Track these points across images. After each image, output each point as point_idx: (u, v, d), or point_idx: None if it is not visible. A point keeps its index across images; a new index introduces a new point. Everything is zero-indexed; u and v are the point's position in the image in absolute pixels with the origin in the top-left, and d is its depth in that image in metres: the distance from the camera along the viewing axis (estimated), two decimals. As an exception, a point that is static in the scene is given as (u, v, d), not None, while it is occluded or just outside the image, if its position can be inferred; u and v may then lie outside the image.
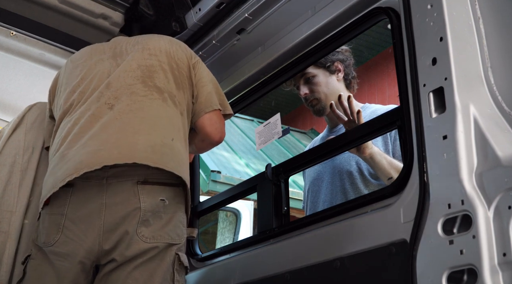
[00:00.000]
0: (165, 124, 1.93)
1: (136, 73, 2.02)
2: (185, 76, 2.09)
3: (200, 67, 2.16)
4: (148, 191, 1.83)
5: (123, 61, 2.08)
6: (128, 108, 1.93)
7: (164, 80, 2.02)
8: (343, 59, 2.58)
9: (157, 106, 1.95)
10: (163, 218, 1.85)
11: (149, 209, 1.82)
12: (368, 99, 2.80)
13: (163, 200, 1.85)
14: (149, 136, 1.87)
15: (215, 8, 2.58)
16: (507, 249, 1.30)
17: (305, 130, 10.70)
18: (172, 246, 1.85)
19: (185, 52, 2.16)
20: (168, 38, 2.21)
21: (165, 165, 1.83)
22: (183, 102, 2.04)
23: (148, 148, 1.84)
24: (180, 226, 1.90)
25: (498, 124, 1.46)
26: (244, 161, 8.60)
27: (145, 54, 2.08)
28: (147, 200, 1.82)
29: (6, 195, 2.14)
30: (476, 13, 1.56)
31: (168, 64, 2.07)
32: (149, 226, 1.82)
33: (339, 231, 1.88)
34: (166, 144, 1.88)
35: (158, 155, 1.84)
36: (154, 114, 1.93)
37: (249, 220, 6.16)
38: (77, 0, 2.78)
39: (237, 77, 2.59)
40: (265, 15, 2.48)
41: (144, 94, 1.97)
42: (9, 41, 2.72)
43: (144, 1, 2.79)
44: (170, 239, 1.85)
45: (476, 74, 1.52)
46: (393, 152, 2.39)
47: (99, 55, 2.14)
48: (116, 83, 1.99)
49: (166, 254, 1.84)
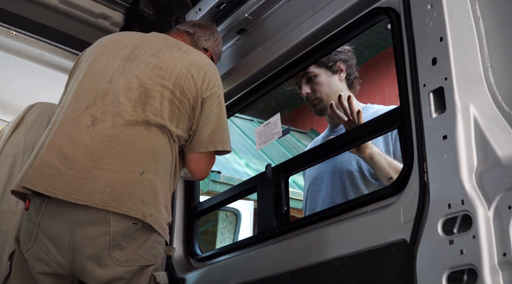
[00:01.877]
0: (139, 156, 1.86)
1: (133, 94, 1.94)
2: (186, 108, 2.00)
3: (212, 103, 2.05)
4: (120, 217, 1.79)
5: (130, 69, 2.00)
6: (106, 131, 1.87)
7: (158, 108, 1.94)
8: (345, 59, 2.58)
9: (136, 134, 1.88)
10: (137, 239, 1.82)
11: (120, 233, 1.78)
12: (368, 99, 2.80)
13: (135, 224, 1.80)
14: (112, 174, 1.81)
15: (215, 8, 2.59)
16: (507, 249, 1.30)
17: (305, 130, 10.69)
18: (148, 267, 1.83)
19: (202, 82, 2.04)
20: (194, 59, 2.07)
21: (118, 207, 1.78)
22: (173, 130, 1.96)
23: (107, 189, 1.79)
24: (156, 246, 1.86)
25: (498, 124, 1.46)
26: (244, 161, 8.59)
27: (153, 74, 1.99)
28: (118, 225, 1.79)
29: (6, 195, 2.14)
30: (476, 13, 1.56)
31: (170, 92, 1.97)
32: (123, 250, 1.79)
33: (339, 231, 1.88)
34: (128, 182, 1.81)
35: (113, 197, 1.78)
36: (129, 145, 1.86)
37: (249, 220, 6.16)
38: (77, 0, 2.78)
39: (237, 77, 2.58)
40: (265, 15, 2.48)
41: (128, 118, 1.89)
42: (9, 41, 2.72)
43: (144, 1, 2.79)
44: (145, 261, 1.82)
45: (476, 74, 1.52)
46: (394, 152, 2.39)
47: (117, 51, 2.07)
48: (111, 98, 1.93)
49: (142, 275, 1.82)
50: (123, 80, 1.97)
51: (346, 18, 2.09)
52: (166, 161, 1.95)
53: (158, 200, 1.88)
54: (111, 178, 1.81)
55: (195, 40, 2.33)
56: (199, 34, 2.35)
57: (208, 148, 2.05)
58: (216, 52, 2.42)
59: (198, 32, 2.36)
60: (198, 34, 2.35)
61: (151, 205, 1.84)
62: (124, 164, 1.84)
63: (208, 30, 2.39)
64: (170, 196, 2.00)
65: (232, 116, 2.90)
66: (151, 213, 1.83)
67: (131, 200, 1.81)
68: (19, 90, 2.80)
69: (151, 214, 1.83)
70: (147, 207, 1.83)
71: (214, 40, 2.40)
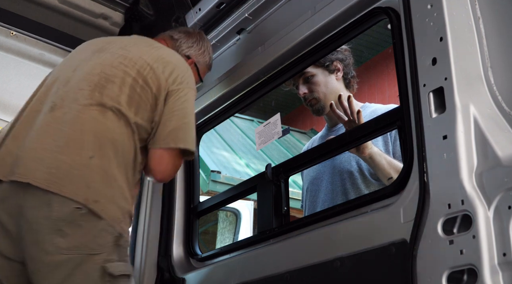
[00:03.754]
0: (89, 140, 1.83)
1: (93, 79, 1.95)
2: (148, 96, 1.97)
3: (178, 97, 2.00)
4: (62, 200, 1.74)
5: (95, 58, 2.03)
6: (61, 116, 1.87)
7: (116, 92, 1.92)
8: (342, 58, 2.58)
9: (90, 118, 1.86)
10: (83, 227, 1.75)
11: (62, 218, 1.73)
12: (368, 99, 2.79)
13: (78, 208, 1.74)
14: (59, 155, 1.79)
15: (215, 8, 2.59)
16: (507, 249, 1.30)
17: (305, 130, 10.70)
18: (93, 257, 1.75)
19: (169, 75, 2.01)
20: (161, 55, 2.07)
21: (60, 189, 1.74)
22: (131, 117, 1.92)
23: (52, 170, 1.77)
24: (103, 235, 1.77)
25: (498, 124, 1.46)
26: (244, 161, 8.60)
27: (116, 62, 2.00)
28: (59, 209, 1.74)
29: None
30: (476, 13, 1.56)
31: (133, 79, 1.96)
32: (66, 236, 1.73)
33: (339, 231, 1.88)
34: (75, 165, 1.78)
35: (56, 178, 1.75)
36: (80, 128, 1.85)
37: (249, 220, 6.17)
38: (77, 0, 2.78)
39: (237, 77, 2.58)
40: (265, 15, 2.48)
41: (84, 103, 1.89)
42: (9, 41, 2.72)
43: (144, 1, 2.79)
44: (89, 250, 1.75)
45: (476, 74, 1.52)
46: (393, 152, 2.39)
47: (89, 46, 2.14)
48: (72, 83, 1.96)
49: (88, 266, 1.74)
50: (86, 68, 2.00)
51: (346, 18, 2.09)
52: (123, 149, 1.89)
53: (111, 188, 1.82)
54: (57, 159, 1.79)
55: (177, 45, 2.31)
56: (182, 41, 2.33)
57: (169, 144, 1.96)
58: (200, 61, 2.38)
59: (181, 38, 2.34)
60: (181, 41, 2.33)
61: (97, 191, 1.79)
62: (72, 146, 1.82)
63: (193, 37, 2.36)
64: (132, 189, 1.93)
65: (232, 116, 2.91)
66: (96, 199, 1.77)
67: (75, 183, 1.76)
68: (19, 90, 2.80)
69: (96, 200, 1.77)
70: (92, 192, 1.77)
71: (199, 48, 2.36)
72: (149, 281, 2.66)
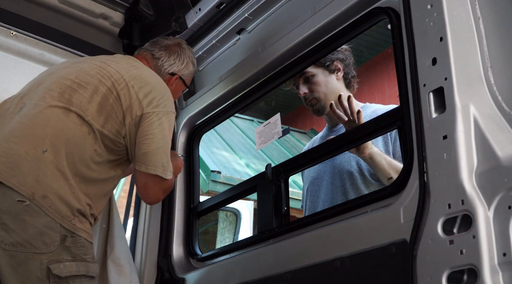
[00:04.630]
0: (46, 134, 1.83)
1: (65, 82, 1.97)
2: (118, 110, 1.96)
3: (152, 122, 1.98)
4: (5, 192, 1.71)
5: (73, 66, 2.07)
6: (26, 112, 1.89)
7: (86, 98, 1.94)
8: (342, 58, 2.58)
9: (52, 115, 1.88)
10: (27, 222, 1.71)
11: (5, 211, 1.70)
12: (368, 99, 2.79)
13: (21, 201, 1.70)
14: (13, 145, 1.79)
15: (215, 8, 2.59)
16: (507, 249, 1.30)
17: (305, 130, 10.70)
18: (38, 256, 1.70)
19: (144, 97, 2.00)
20: (141, 74, 2.06)
21: (7, 178, 1.72)
22: (96, 126, 1.92)
23: (2, 158, 1.76)
24: (49, 233, 1.72)
25: (498, 124, 1.46)
26: (244, 161, 8.60)
27: (93, 71, 2.02)
28: (2, 201, 1.70)
29: None
30: (476, 13, 1.56)
31: (107, 89, 1.97)
32: (11, 232, 1.69)
33: (339, 231, 1.88)
34: (27, 156, 1.77)
35: (5, 167, 1.74)
36: (40, 122, 1.85)
37: (249, 220, 6.17)
38: (77, 0, 2.78)
39: (237, 77, 2.58)
40: (265, 15, 2.48)
41: (50, 102, 1.91)
42: (9, 41, 2.72)
43: (144, 1, 2.79)
44: (33, 248, 1.70)
45: (476, 74, 1.52)
46: (393, 152, 2.39)
47: (74, 59, 2.25)
48: (44, 85, 1.98)
49: (32, 266, 1.69)
50: (61, 72, 2.04)
51: (346, 18, 2.09)
52: (79, 153, 1.88)
53: (61, 185, 1.79)
54: (11, 148, 1.79)
55: (159, 65, 2.29)
56: (164, 59, 2.31)
57: (140, 168, 1.98)
58: (185, 73, 2.37)
59: (162, 56, 2.31)
60: (163, 59, 2.30)
61: (47, 186, 1.76)
62: (29, 139, 1.82)
63: (174, 53, 2.33)
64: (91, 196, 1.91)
65: (232, 116, 2.91)
66: (45, 194, 1.74)
67: (24, 175, 1.75)
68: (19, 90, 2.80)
69: (45, 195, 1.74)
70: (41, 186, 1.75)
71: (181, 63, 2.34)
72: (149, 281, 2.66)
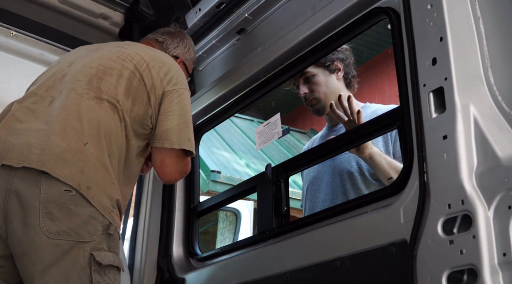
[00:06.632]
0: (84, 127, 1.85)
1: (91, 71, 2.00)
2: (143, 91, 2.02)
3: (172, 99, 2.05)
4: (52, 182, 1.73)
5: (92, 55, 2.09)
6: (59, 104, 1.90)
7: (114, 83, 1.97)
8: (342, 58, 2.58)
9: (87, 106, 1.90)
10: (72, 211, 1.73)
11: (51, 200, 1.72)
12: (368, 99, 2.79)
13: (68, 191, 1.73)
14: (55, 138, 1.80)
15: (215, 8, 2.59)
16: (507, 249, 1.30)
17: (305, 130, 10.70)
18: (83, 245, 1.73)
19: (165, 75, 2.07)
20: (157, 55, 2.14)
21: (53, 170, 1.73)
22: (127, 108, 1.96)
23: (46, 151, 1.77)
24: (92, 223, 1.76)
25: (498, 124, 1.46)
26: (244, 161, 8.60)
27: (114, 56, 2.06)
28: (48, 191, 1.72)
29: None
30: (476, 13, 1.56)
31: (130, 72, 2.02)
32: (56, 221, 1.71)
33: (339, 231, 1.88)
34: (70, 149, 1.79)
35: (50, 159, 1.75)
36: (76, 115, 1.87)
37: (249, 220, 6.17)
38: (77, 0, 2.79)
39: (237, 77, 2.58)
40: (265, 15, 2.48)
41: (81, 92, 1.93)
42: (9, 41, 2.72)
43: (144, 1, 2.80)
44: (78, 237, 1.73)
45: (476, 74, 1.52)
46: (393, 152, 2.39)
47: (85, 47, 2.21)
48: (69, 77, 2.00)
49: (77, 254, 1.72)
50: (83, 61, 2.06)
51: (346, 18, 2.09)
52: (116, 141, 1.92)
53: (103, 176, 1.83)
54: (53, 142, 1.79)
55: (164, 48, 2.38)
56: (168, 42, 2.40)
57: (163, 144, 2.01)
58: (187, 58, 2.45)
59: (167, 40, 2.41)
60: (167, 42, 2.40)
61: (90, 178, 1.79)
62: (69, 132, 1.83)
63: (177, 37, 2.43)
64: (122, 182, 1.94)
65: (232, 116, 2.91)
66: (89, 186, 1.77)
67: (69, 167, 1.76)
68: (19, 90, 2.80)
69: (89, 187, 1.77)
70: (85, 178, 1.78)
71: (184, 46, 2.44)
72: (149, 281, 2.66)
